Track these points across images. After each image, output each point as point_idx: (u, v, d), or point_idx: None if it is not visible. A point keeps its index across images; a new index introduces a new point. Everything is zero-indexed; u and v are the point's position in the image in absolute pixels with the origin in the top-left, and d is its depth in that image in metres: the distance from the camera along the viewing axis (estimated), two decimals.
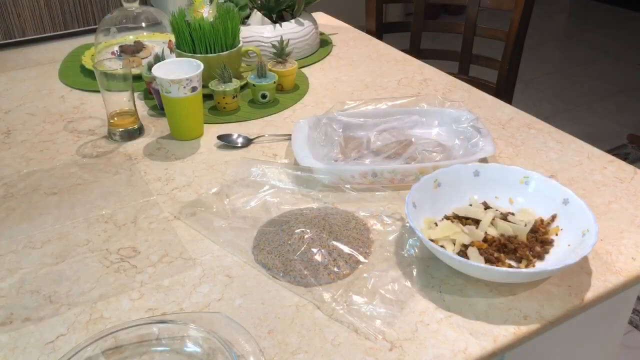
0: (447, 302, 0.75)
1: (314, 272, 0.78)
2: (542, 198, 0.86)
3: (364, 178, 0.94)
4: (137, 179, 1.01)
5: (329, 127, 1.06)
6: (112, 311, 0.75)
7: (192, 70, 1.08)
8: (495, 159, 1.04)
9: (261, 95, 1.22)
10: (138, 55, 1.41)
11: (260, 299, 0.76)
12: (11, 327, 0.73)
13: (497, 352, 0.69)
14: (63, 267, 0.82)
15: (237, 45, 1.24)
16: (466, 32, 1.74)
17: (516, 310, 0.74)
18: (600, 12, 4.34)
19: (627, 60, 3.59)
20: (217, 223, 0.88)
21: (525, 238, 0.82)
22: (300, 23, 1.43)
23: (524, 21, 1.63)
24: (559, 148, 1.07)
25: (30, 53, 1.54)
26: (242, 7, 1.42)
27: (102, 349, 0.68)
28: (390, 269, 0.80)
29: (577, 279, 0.78)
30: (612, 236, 0.86)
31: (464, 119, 1.06)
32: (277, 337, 0.71)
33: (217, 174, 1.01)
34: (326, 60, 1.46)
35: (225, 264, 0.82)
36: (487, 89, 1.42)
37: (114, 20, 1.45)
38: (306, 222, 0.85)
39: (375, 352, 0.69)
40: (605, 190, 0.95)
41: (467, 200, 0.89)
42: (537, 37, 3.87)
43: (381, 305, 0.74)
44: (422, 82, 1.33)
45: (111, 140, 1.13)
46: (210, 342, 0.68)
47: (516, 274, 0.73)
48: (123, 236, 0.88)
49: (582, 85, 3.31)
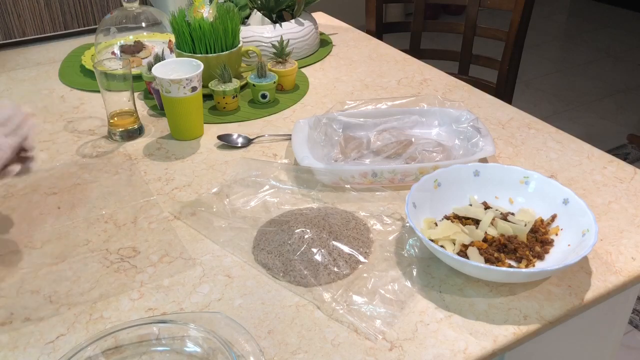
0: (447, 302, 0.75)
1: (314, 272, 0.78)
2: (542, 198, 0.86)
3: (364, 178, 0.94)
4: (137, 179, 1.01)
5: (329, 127, 1.06)
6: (112, 311, 0.75)
7: (192, 70, 1.08)
8: (495, 159, 1.04)
9: (261, 95, 1.23)
10: (138, 55, 1.41)
11: (260, 299, 0.76)
12: (11, 327, 0.73)
13: (497, 352, 0.69)
14: (63, 267, 0.82)
15: (237, 45, 1.24)
16: (466, 32, 1.74)
17: (516, 310, 0.74)
18: (600, 12, 4.34)
19: (627, 60, 3.59)
20: (217, 223, 0.88)
21: (525, 238, 0.82)
22: (300, 23, 1.43)
23: (524, 21, 1.63)
24: (559, 148, 1.07)
25: (30, 53, 1.54)
26: (242, 7, 1.42)
27: (102, 349, 0.68)
28: (390, 269, 0.80)
29: (577, 279, 0.78)
30: (612, 236, 0.86)
31: (464, 119, 1.06)
32: (277, 337, 0.71)
33: (217, 174, 1.01)
34: (326, 60, 1.46)
35: (225, 264, 0.82)
36: (487, 89, 1.42)
37: (114, 20, 1.45)
38: (306, 222, 0.85)
39: (375, 352, 0.69)
40: (605, 190, 0.95)
41: (467, 200, 0.89)
42: (537, 37, 3.87)
43: (381, 305, 0.74)
44: (422, 82, 1.33)
45: (111, 140, 1.13)
46: (210, 342, 0.68)
47: (516, 274, 0.73)
48: (123, 236, 0.88)
49: (582, 85, 3.31)
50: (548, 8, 4.40)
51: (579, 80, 3.36)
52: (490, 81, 1.73)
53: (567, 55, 3.69)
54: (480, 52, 1.75)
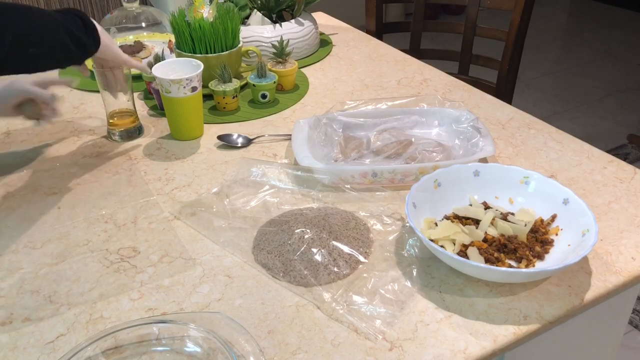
0: (447, 302, 0.75)
1: (314, 272, 0.78)
2: (542, 198, 0.86)
3: (364, 178, 0.94)
4: (137, 179, 1.01)
5: (329, 127, 1.06)
6: (112, 311, 0.75)
7: (192, 70, 1.08)
8: (495, 159, 1.04)
9: (261, 95, 1.23)
10: (138, 55, 1.41)
11: (260, 299, 0.76)
12: (11, 327, 0.73)
13: (497, 352, 0.69)
14: (63, 267, 0.82)
15: (237, 45, 1.24)
16: (466, 32, 1.74)
17: (516, 310, 0.74)
18: (600, 12, 4.34)
19: (627, 60, 3.59)
20: (217, 223, 0.88)
21: (525, 238, 0.82)
22: (300, 23, 1.43)
23: (524, 21, 1.63)
24: (559, 148, 1.07)
25: None
26: (242, 7, 1.42)
27: (102, 349, 0.68)
28: (390, 269, 0.80)
29: (577, 279, 0.78)
30: (612, 236, 0.86)
31: (464, 119, 1.06)
32: (277, 337, 0.71)
33: (217, 174, 1.01)
34: (326, 60, 1.46)
35: (225, 264, 0.82)
36: (487, 89, 1.42)
37: (114, 20, 1.45)
38: (306, 222, 0.85)
39: (375, 352, 0.69)
40: (605, 190, 0.95)
41: (467, 200, 0.89)
42: (537, 37, 3.87)
43: (381, 305, 0.74)
44: (422, 82, 1.33)
45: (111, 140, 1.13)
46: (210, 342, 0.68)
47: (516, 274, 0.73)
48: (123, 236, 0.88)
49: (582, 85, 3.31)
50: (548, 8, 4.40)
51: (579, 80, 3.36)
52: (490, 81, 1.73)
53: (567, 55, 3.69)
54: (480, 52, 1.75)
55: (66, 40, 0.88)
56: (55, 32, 0.87)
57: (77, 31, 0.90)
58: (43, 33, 0.85)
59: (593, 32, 4.00)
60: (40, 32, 0.85)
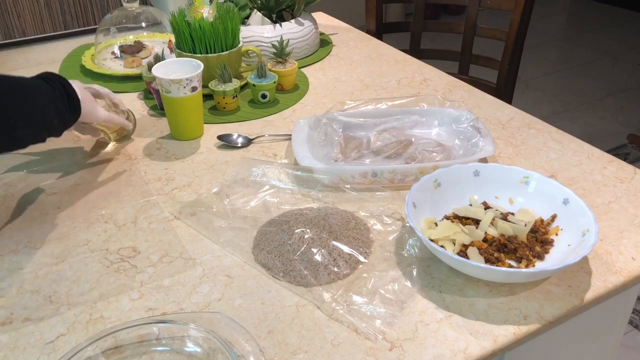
0: (447, 302, 0.75)
1: (314, 272, 0.78)
2: (542, 198, 0.86)
3: (364, 178, 0.94)
4: (137, 179, 1.01)
5: (329, 127, 1.06)
6: (112, 311, 0.75)
7: (192, 70, 1.08)
8: (495, 159, 1.04)
9: (261, 95, 1.23)
10: (138, 55, 1.41)
11: (260, 299, 0.76)
12: (11, 327, 0.73)
13: (497, 352, 0.69)
14: (63, 267, 0.82)
15: (237, 45, 1.24)
16: (466, 32, 1.74)
17: (516, 310, 0.74)
18: (600, 12, 4.34)
19: (627, 60, 3.59)
20: (217, 223, 0.88)
21: (525, 238, 0.82)
22: (300, 23, 1.43)
23: (524, 21, 1.64)
24: (559, 148, 1.07)
25: (30, 53, 1.54)
26: (242, 7, 1.42)
27: (102, 349, 0.68)
28: (390, 269, 0.80)
29: (577, 279, 0.78)
30: (612, 236, 0.86)
31: (464, 119, 1.06)
32: (277, 337, 0.71)
33: (217, 174, 1.01)
34: (326, 60, 1.46)
35: (225, 264, 0.82)
36: (487, 89, 1.42)
37: (114, 20, 1.45)
38: (306, 222, 0.85)
39: (375, 352, 0.69)
40: (605, 190, 0.95)
41: (467, 200, 0.89)
42: (537, 37, 3.87)
43: (381, 305, 0.74)
44: (422, 82, 1.33)
45: (110, 140, 1.12)
46: (210, 342, 0.68)
47: (516, 274, 0.73)
48: (123, 236, 0.88)
49: (582, 85, 3.31)
50: (548, 8, 4.40)
51: (579, 80, 3.36)
52: (490, 81, 1.73)
53: (567, 55, 3.69)
54: (480, 52, 1.75)
55: (52, 117, 0.86)
56: (44, 110, 0.84)
57: (61, 105, 0.87)
58: (33, 112, 0.82)
59: (593, 32, 4.00)
60: (32, 110, 0.82)
